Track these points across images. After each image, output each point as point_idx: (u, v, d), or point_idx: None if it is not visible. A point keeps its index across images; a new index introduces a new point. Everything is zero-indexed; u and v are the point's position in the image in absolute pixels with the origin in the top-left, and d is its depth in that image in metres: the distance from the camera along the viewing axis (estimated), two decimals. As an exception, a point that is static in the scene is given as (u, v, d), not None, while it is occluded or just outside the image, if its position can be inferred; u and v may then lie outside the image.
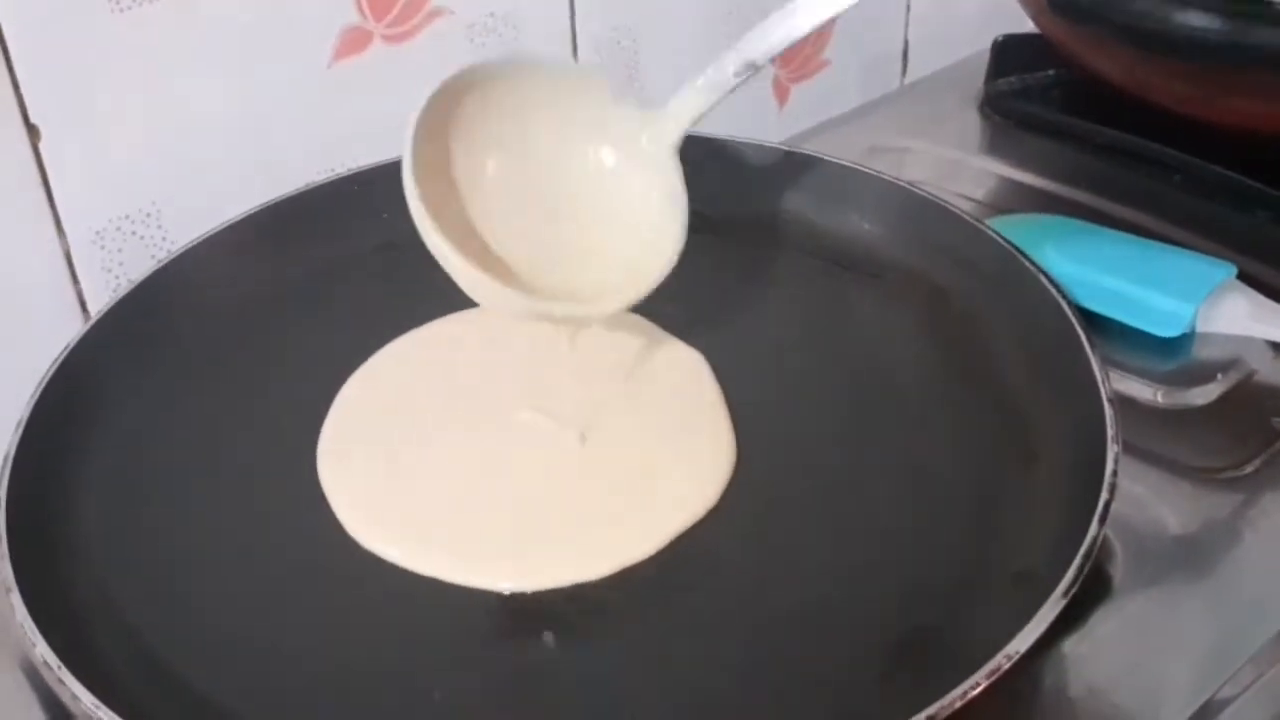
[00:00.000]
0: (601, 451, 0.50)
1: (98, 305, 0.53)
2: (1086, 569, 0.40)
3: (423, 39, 0.65)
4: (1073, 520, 0.42)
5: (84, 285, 0.60)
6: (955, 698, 0.37)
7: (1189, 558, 0.49)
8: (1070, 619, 0.46)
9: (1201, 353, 0.58)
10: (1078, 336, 0.49)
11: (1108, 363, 0.55)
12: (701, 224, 0.60)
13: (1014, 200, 0.70)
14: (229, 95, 0.61)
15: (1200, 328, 0.58)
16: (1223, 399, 0.56)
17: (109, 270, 0.60)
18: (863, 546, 0.46)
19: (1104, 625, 0.46)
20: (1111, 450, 0.44)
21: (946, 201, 0.58)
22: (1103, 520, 0.42)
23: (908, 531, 0.46)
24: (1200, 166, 0.68)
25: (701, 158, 0.61)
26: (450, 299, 0.48)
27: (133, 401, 0.52)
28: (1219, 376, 0.56)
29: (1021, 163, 0.73)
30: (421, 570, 0.45)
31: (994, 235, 0.55)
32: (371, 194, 0.60)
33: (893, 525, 0.46)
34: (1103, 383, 0.47)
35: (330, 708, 0.41)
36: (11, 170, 0.56)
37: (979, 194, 0.70)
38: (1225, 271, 0.59)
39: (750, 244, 0.52)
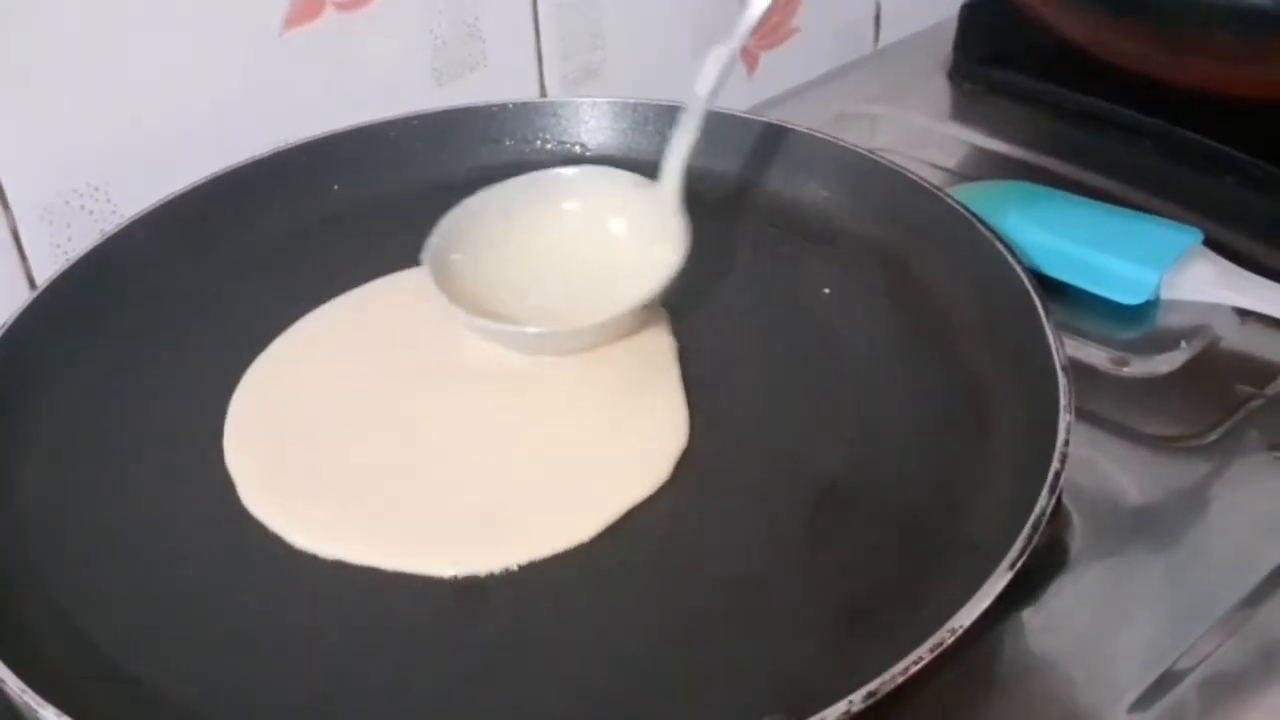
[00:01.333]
0: (552, 424, 0.49)
1: (46, 282, 0.52)
2: (1035, 540, 0.39)
3: (376, 7, 0.64)
4: (1024, 490, 0.41)
5: (32, 262, 0.59)
6: (897, 672, 0.36)
7: (1148, 528, 0.48)
8: (1027, 590, 0.45)
9: (1166, 320, 0.57)
10: (1033, 304, 0.48)
11: (1071, 330, 0.55)
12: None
13: (983, 167, 0.69)
14: (177, 65, 0.59)
15: (1165, 294, 0.57)
16: (1187, 367, 0.55)
17: (58, 246, 0.59)
18: (815, 517, 0.45)
19: (1060, 596, 0.46)
20: (1064, 419, 0.43)
21: (903, 167, 0.57)
22: (1053, 490, 0.41)
23: (861, 501, 0.45)
24: (1169, 130, 0.67)
25: (658, 125, 0.61)
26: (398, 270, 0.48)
27: (74, 376, 0.51)
28: (1183, 344, 0.56)
29: (991, 129, 0.72)
30: (364, 562, 0.44)
31: (951, 201, 0.54)
32: (321, 166, 0.60)
33: (846, 494, 0.45)
34: (1056, 350, 0.46)
35: (272, 694, 0.40)
36: (-48, 145, 0.55)
37: (948, 161, 0.70)
38: (1191, 237, 0.58)
39: (706, 211, 0.51)
